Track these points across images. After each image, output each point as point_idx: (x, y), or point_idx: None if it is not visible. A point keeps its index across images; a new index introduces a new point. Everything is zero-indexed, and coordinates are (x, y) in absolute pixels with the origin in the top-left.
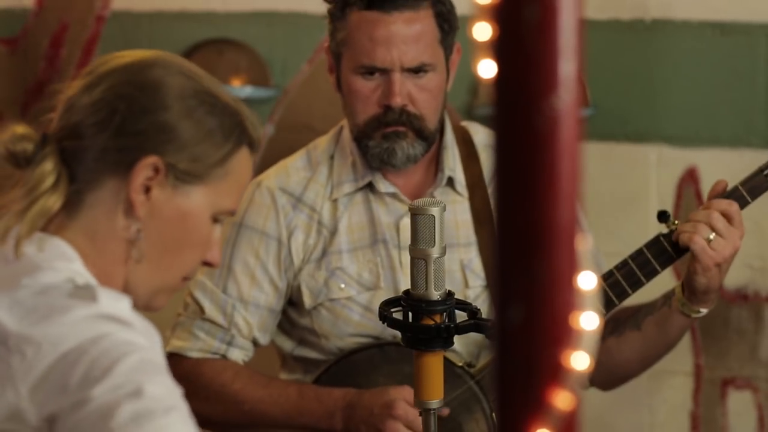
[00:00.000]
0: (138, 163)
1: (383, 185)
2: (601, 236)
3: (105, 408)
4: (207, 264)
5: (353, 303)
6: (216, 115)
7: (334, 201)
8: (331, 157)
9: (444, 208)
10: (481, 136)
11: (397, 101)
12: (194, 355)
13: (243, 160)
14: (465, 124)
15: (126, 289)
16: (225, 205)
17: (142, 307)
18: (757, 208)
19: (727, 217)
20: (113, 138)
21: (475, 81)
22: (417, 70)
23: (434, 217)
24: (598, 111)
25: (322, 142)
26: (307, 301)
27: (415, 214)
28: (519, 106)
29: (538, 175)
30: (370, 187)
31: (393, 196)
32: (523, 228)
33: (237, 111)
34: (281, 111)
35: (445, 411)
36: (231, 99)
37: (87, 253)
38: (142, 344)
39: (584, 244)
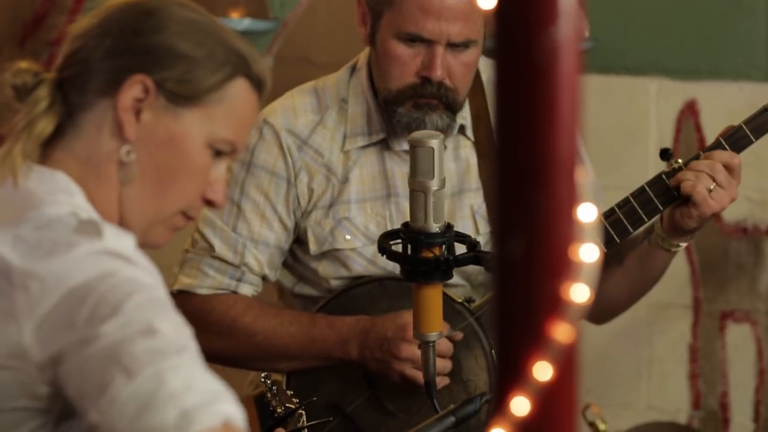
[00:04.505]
0: (126, 81)
1: (397, 143)
2: (600, 169)
3: (116, 345)
4: (210, 203)
5: (357, 255)
6: (211, 43)
7: (346, 152)
8: (344, 100)
9: (443, 140)
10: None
11: (437, 75)
12: (204, 291)
13: (242, 90)
14: None
15: (122, 218)
16: (220, 133)
17: (140, 242)
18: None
19: (729, 169)
20: (104, 60)
21: None
22: (461, 45)
23: (434, 149)
24: (597, 43)
25: (332, 83)
26: (313, 247)
27: (415, 146)
28: (519, 38)
29: (538, 106)
30: (383, 142)
31: (407, 152)
32: (523, 159)
33: (237, 45)
34: (280, 43)
35: (459, 335)
36: (235, 36)
37: (83, 181)
38: (148, 282)
39: (584, 175)
